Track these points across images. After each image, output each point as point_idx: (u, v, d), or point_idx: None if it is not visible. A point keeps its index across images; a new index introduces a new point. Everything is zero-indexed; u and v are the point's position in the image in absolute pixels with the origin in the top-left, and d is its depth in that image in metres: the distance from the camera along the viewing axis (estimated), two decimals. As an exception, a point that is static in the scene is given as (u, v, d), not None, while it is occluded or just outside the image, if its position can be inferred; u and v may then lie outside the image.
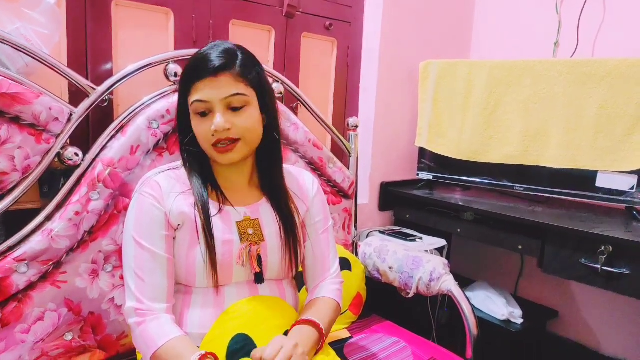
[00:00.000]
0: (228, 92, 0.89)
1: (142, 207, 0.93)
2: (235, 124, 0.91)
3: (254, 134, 0.94)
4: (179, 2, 1.39)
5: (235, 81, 0.90)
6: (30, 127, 1.00)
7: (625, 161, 1.54)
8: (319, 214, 1.11)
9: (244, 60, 0.92)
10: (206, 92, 0.89)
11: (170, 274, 0.93)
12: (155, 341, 0.86)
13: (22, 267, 0.99)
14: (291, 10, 1.63)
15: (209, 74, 0.89)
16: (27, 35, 1.02)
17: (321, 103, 1.85)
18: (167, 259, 0.92)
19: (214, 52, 0.90)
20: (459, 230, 1.82)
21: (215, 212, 0.96)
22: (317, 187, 1.12)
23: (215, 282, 0.93)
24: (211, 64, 0.89)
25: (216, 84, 0.89)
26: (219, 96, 0.89)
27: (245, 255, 0.95)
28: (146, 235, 0.92)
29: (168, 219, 0.93)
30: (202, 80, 0.89)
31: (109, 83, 1.12)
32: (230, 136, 0.91)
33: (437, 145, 1.93)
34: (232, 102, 0.90)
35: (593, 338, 2.01)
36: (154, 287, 0.90)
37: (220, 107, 0.90)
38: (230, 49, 0.92)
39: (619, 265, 1.38)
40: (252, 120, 0.93)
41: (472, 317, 1.29)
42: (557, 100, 1.64)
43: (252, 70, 0.93)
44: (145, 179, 0.97)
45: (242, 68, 0.91)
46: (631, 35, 1.81)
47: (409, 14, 2.01)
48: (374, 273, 1.58)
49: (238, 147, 0.92)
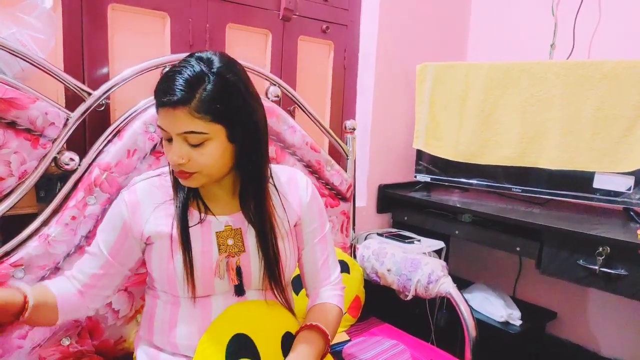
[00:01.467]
0: (182, 129, 0.82)
1: (113, 207, 0.96)
2: (192, 159, 0.85)
3: (213, 168, 0.87)
4: (175, 6, 1.39)
5: (191, 117, 0.81)
6: (26, 132, 1.00)
7: (623, 162, 1.54)
8: (315, 220, 1.06)
9: (212, 92, 0.81)
10: (165, 122, 0.84)
11: (103, 274, 0.95)
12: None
13: (18, 272, 0.99)
14: (288, 14, 1.63)
15: (167, 104, 0.81)
16: (23, 40, 1.02)
17: (318, 106, 1.85)
18: (108, 260, 0.94)
19: (179, 78, 0.81)
20: (457, 232, 1.82)
21: (196, 222, 0.93)
22: (312, 191, 1.06)
23: (193, 294, 0.91)
24: (170, 94, 0.80)
25: (172, 117, 0.82)
26: (174, 130, 0.83)
27: (222, 267, 0.92)
28: (102, 231, 0.96)
29: (133, 232, 0.93)
30: (162, 108, 0.83)
31: (105, 87, 1.12)
32: (185, 170, 0.86)
33: (434, 148, 1.93)
34: (187, 138, 0.83)
35: (592, 339, 2.01)
36: (83, 268, 0.95)
37: (177, 139, 0.84)
38: (198, 76, 0.81)
39: (617, 266, 1.38)
40: (210, 156, 0.85)
41: (470, 319, 1.29)
42: (554, 102, 1.64)
43: (218, 103, 0.82)
44: (132, 183, 0.98)
45: (204, 103, 0.81)
46: (627, 37, 1.81)
47: (406, 17, 2.01)
48: (372, 275, 1.58)
49: (195, 177, 0.87)
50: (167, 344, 0.94)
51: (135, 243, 0.94)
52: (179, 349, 0.93)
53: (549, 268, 1.53)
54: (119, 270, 0.96)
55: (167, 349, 0.94)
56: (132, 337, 1.16)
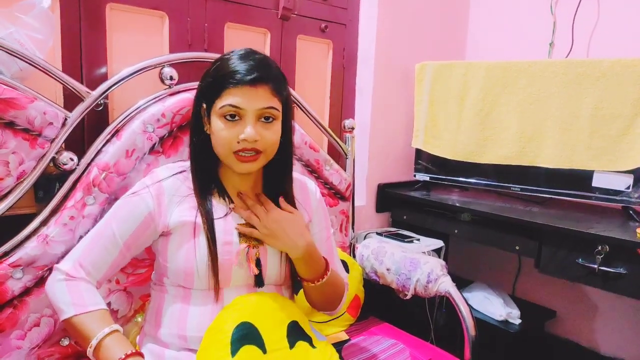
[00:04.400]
0: (264, 104, 0.90)
1: (135, 197, 0.95)
2: (263, 137, 0.91)
3: (274, 148, 0.95)
4: (173, 6, 1.38)
5: (271, 94, 0.91)
6: (24, 132, 0.99)
7: (621, 161, 1.54)
8: (322, 222, 1.11)
9: (279, 75, 0.94)
10: (241, 100, 0.89)
11: (115, 264, 0.95)
12: (85, 301, 0.88)
13: (17, 272, 0.99)
14: (286, 13, 1.63)
15: (248, 82, 0.88)
16: (20, 39, 1.01)
17: (317, 105, 1.85)
18: (121, 250, 0.94)
19: (251, 61, 0.90)
20: (456, 231, 1.82)
21: (222, 215, 0.96)
22: (319, 195, 1.13)
23: (215, 284, 0.93)
24: (251, 73, 0.88)
25: (253, 93, 0.89)
26: (254, 106, 0.89)
27: (242, 256, 0.95)
28: (118, 220, 0.94)
29: (157, 224, 0.94)
30: (239, 87, 0.88)
31: (103, 87, 1.12)
32: (257, 147, 0.91)
33: (433, 147, 1.93)
34: (265, 114, 0.91)
35: (591, 338, 2.01)
36: (97, 262, 0.93)
37: (252, 117, 0.90)
38: (267, 62, 0.93)
39: (616, 265, 1.38)
40: (277, 135, 0.94)
41: (469, 318, 1.29)
42: (552, 101, 1.64)
43: (284, 86, 0.94)
44: (155, 176, 0.98)
45: (277, 83, 0.92)
46: (625, 35, 1.81)
47: (404, 16, 2.01)
48: (372, 275, 1.58)
49: (260, 158, 0.93)
50: (175, 337, 0.94)
51: (153, 234, 0.96)
52: (187, 342, 0.93)
53: (548, 267, 1.54)
54: (126, 259, 0.97)
55: (175, 342, 0.94)
56: (131, 337, 1.16)
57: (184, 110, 1.20)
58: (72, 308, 0.87)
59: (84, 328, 0.86)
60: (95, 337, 0.84)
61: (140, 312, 1.18)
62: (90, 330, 0.85)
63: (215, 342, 0.87)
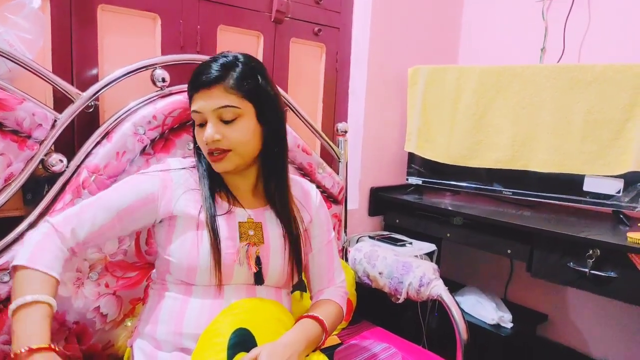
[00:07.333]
0: (217, 104, 0.92)
1: (142, 176, 0.98)
2: (225, 136, 0.93)
3: (247, 146, 0.95)
4: (166, 7, 1.38)
5: (226, 93, 0.92)
6: (13, 134, 0.98)
7: (612, 165, 1.55)
8: (323, 225, 1.13)
9: (242, 72, 0.93)
10: (200, 103, 0.93)
11: (102, 229, 0.92)
12: (40, 259, 0.83)
13: (4, 276, 0.97)
14: (280, 16, 1.62)
15: (203, 86, 0.92)
16: (10, 40, 1.00)
17: (310, 108, 1.85)
18: (113, 218, 0.93)
19: (213, 64, 0.93)
20: (448, 234, 1.82)
21: (224, 212, 0.98)
22: (320, 198, 1.14)
23: (218, 281, 0.94)
24: (205, 76, 0.92)
25: (208, 95, 0.92)
26: (209, 107, 0.92)
27: (242, 254, 0.96)
28: (121, 190, 0.96)
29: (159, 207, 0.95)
30: (198, 91, 0.93)
31: (94, 89, 1.11)
32: (220, 147, 0.93)
33: (426, 150, 1.93)
34: (222, 114, 0.92)
35: (582, 341, 2.02)
36: (86, 220, 0.91)
37: (212, 118, 0.93)
38: (229, 62, 0.93)
39: (607, 268, 1.38)
40: (243, 132, 0.94)
41: (462, 321, 1.29)
42: (544, 105, 1.65)
43: (248, 82, 0.94)
44: (166, 165, 1.02)
45: (237, 80, 0.92)
46: (616, 41, 1.83)
47: (398, 20, 2.01)
48: (364, 278, 1.57)
49: (229, 157, 0.94)
50: (171, 334, 0.93)
51: (150, 216, 0.96)
52: (182, 339, 0.92)
53: (540, 271, 1.54)
54: (115, 229, 0.95)
55: (170, 340, 0.93)
56: (121, 342, 1.15)
57: (175, 112, 1.19)
58: (25, 258, 0.83)
59: (19, 282, 0.82)
60: (22, 297, 0.78)
61: (130, 316, 1.17)
62: (21, 290, 0.80)
63: (212, 346, 0.86)
